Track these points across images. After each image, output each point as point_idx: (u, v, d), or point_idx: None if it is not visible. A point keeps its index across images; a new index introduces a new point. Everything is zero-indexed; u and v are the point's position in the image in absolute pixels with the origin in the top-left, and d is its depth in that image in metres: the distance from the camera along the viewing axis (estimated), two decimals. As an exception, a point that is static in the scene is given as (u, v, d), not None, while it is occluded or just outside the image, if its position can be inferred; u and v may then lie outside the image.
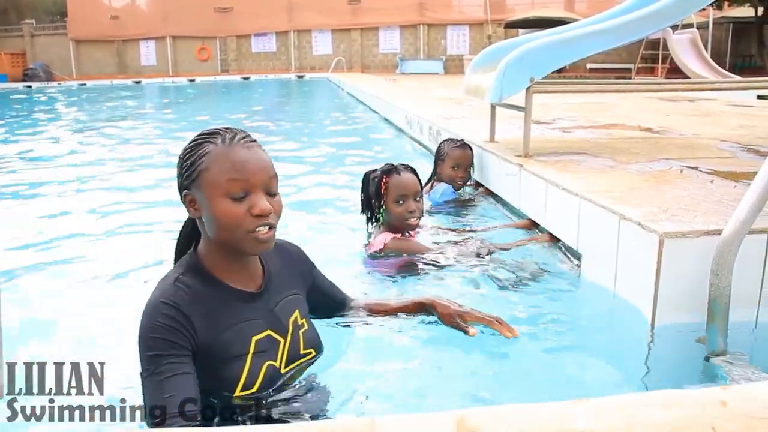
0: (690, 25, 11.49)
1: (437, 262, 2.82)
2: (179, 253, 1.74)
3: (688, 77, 5.15)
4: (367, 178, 3.01)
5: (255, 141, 1.61)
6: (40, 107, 16.32)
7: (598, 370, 2.04)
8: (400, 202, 2.87)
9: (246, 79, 27.45)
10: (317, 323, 1.91)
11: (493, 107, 4.50)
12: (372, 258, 2.86)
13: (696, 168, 3.30)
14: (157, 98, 19.44)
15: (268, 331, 1.65)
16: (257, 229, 1.54)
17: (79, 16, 31.32)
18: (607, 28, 3.78)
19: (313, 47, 31.15)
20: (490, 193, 4.13)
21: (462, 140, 4.16)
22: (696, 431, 1.01)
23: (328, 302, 2.02)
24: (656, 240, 2.10)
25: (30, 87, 25.46)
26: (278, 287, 1.75)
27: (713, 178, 3.03)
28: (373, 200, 2.94)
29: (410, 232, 3.00)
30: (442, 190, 4.04)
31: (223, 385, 1.57)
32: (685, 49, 5.62)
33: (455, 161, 4.06)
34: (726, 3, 19.25)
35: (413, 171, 2.97)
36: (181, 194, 1.61)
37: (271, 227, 1.57)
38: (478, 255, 2.90)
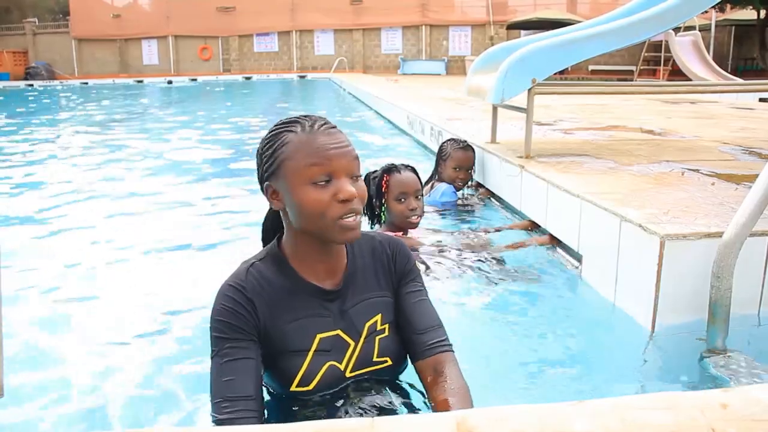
0: (692, 28, 11.51)
1: (438, 262, 2.82)
2: (263, 244, 1.73)
3: (690, 79, 5.16)
4: (367, 179, 3.02)
5: (335, 126, 1.55)
6: (42, 106, 16.32)
7: (598, 372, 2.04)
8: (401, 200, 2.88)
9: (248, 78, 27.48)
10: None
11: (494, 108, 4.50)
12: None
13: (697, 170, 3.30)
14: (159, 97, 19.45)
15: (338, 332, 1.59)
16: (344, 216, 1.48)
17: (81, 15, 31.35)
18: (609, 30, 3.78)
19: (315, 47, 31.18)
20: (491, 194, 4.13)
21: (465, 141, 4.16)
22: (696, 434, 1.01)
23: (403, 324, 1.68)
24: (657, 242, 2.10)
25: (32, 86, 25.49)
26: (361, 287, 1.65)
27: (714, 181, 3.03)
28: (374, 199, 2.95)
29: (411, 230, 3.00)
30: (442, 190, 4.04)
31: (280, 378, 1.56)
32: (687, 52, 5.64)
33: (457, 162, 4.05)
34: (728, 5, 19.23)
35: (413, 170, 2.98)
36: (262, 187, 1.58)
37: (357, 213, 1.50)
38: (478, 255, 2.91)
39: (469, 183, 4.22)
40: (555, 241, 3.04)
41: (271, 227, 1.71)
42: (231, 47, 31.42)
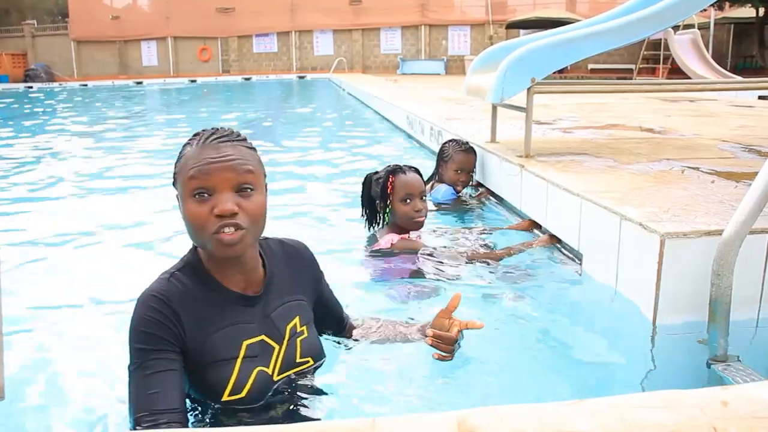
0: (691, 26, 11.51)
1: (439, 263, 2.82)
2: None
3: (690, 78, 5.16)
4: (369, 180, 3.01)
5: (233, 140, 1.54)
6: (42, 108, 16.32)
7: (599, 371, 2.04)
8: (407, 201, 2.87)
9: (247, 79, 27.47)
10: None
11: (494, 108, 4.50)
12: (375, 258, 2.86)
13: (697, 168, 3.30)
14: (159, 99, 19.45)
15: (262, 337, 1.61)
16: (221, 231, 1.48)
17: (80, 17, 31.34)
18: (608, 28, 3.78)
19: (314, 47, 31.17)
20: (491, 194, 4.13)
21: (467, 143, 4.16)
22: (696, 432, 1.01)
23: (328, 318, 1.93)
24: (657, 240, 2.10)
25: (31, 88, 25.48)
26: (279, 291, 1.70)
27: (714, 179, 3.03)
28: (377, 201, 2.94)
29: (412, 232, 3.00)
30: (443, 190, 4.05)
31: (210, 389, 1.54)
32: (686, 50, 5.63)
33: (459, 165, 4.06)
34: (727, 4, 19.24)
35: (417, 171, 2.98)
36: None
37: (239, 228, 1.49)
38: (479, 256, 2.91)
39: (470, 183, 4.22)
40: (555, 241, 3.04)
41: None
42: (230, 48, 31.41)
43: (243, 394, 1.55)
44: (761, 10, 18.27)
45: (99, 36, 31.46)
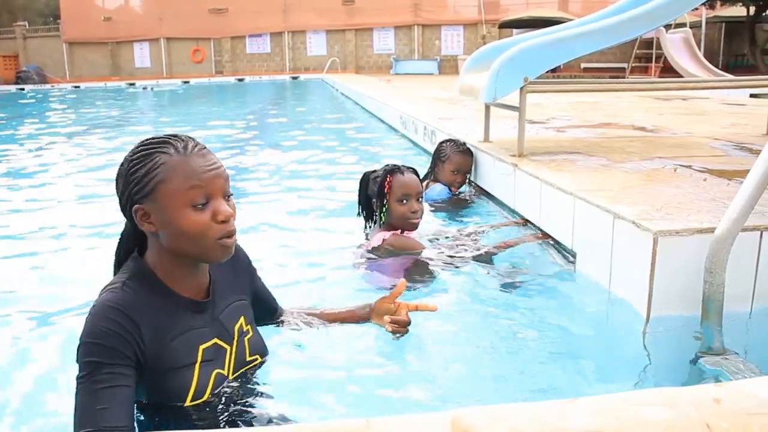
0: (683, 25, 11.56)
1: (433, 262, 2.82)
2: (119, 263, 1.66)
3: (682, 76, 5.18)
4: (366, 179, 3.01)
5: (206, 147, 1.57)
6: (34, 110, 16.25)
7: (594, 369, 2.05)
8: (404, 201, 2.87)
9: (240, 80, 27.42)
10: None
11: (487, 107, 4.50)
12: (369, 256, 2.86)
13: (689, 166, 3.31)
14: (152, 100, 19.40)
15: (215, 340, 1.63)
16: (224, 237, 1.53)
17: (72, 18, 31.22)
18: (600, 27, 3.79)
19: (307, 48, 31.15)
20: (485, 193, 4.14)
21: (464, 144, 4.16)
22: (689, 429, 1.01)
23: (264, 310, 1.97)
24: (650, 238, 2.11)
25: (23, 90, 25.37)
26: (223, 294, 1.72)
27: (706, 177, 3.04)
28: (374, 200, 2.94)
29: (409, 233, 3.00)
30: (438, 189, 4.05)
31: (172, 396, 1.54)
32: (678, 49, 5.65)
33: (456, 166, 4.07)
34: (718, 2, 19.32)
35: (415, 171, 2.98)
36: (128, 209, 1.55)
37: (234, 233, 1.56)
38: (473, 255, 2.91)
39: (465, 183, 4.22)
40: (547, 237, 3.04)
41: (133, 247, 1.65)
42: (223, 49, 31.35)
43: (205, 398, 1.57)
44: (752, 9, 18.35)
45: (91, 37, 31.34)
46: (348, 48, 30.58)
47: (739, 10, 19.89)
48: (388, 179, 2.89)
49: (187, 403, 1.54)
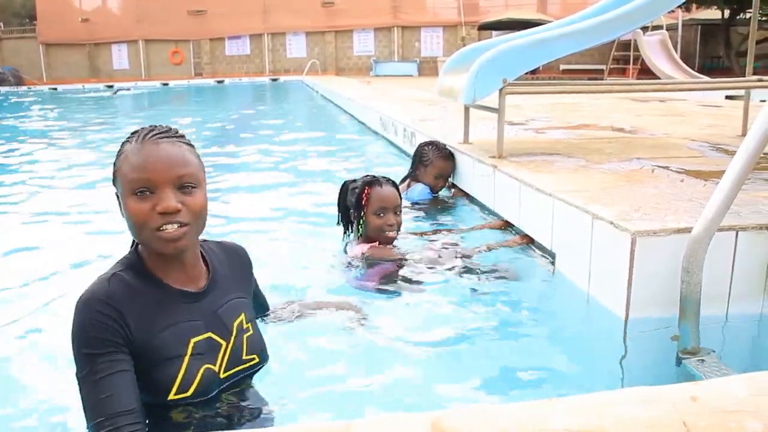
0: (660, 27, 11.68)
1: (414, 268, 2.82)
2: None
3: (659, 78, 5.22)
4: (345, 188, 2.99)
5: (171, 137, 1.56)
6: (10, 113, 16.04)
7: (573, 369, 2.06)
8: (381, 214, 2.85)
9: (220, 82, 27.27)
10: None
11: (466, 109, 4.52)
12: (349, 266, 2.84)
13: (667, 167, 3.34)
14: (131, 103, 19.24)
15: (209, 334, 1.61)
16: (163, 227, 1.50)
17: (48, 19, 30.83)
18: (579, 29, 3.82)
19: (287, 50, 31.05)
20: (465, 194, 4.15)
21: (446, 148, 4.16)
22: (668, 427, 1.02)
23: (258, 309, 1.98)
24: (628, 239, 2.13)
25: (-2, 91, 25.03)
26: (224, 289, 1.71)
27: (683, 177, 3.08)
28: (352, 210, 2.92)
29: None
30: (419, 190, 4.06)
31: (157, 388, 1.52)
32: (655, 51, 5.70)
33: (439, 171, 4.08)
34: (694, 5, 19.57)
35: (394, 184, 2.96)
36: None
37: (182, 225, 1.51)
38: (453, 258, 2.91)
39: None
40: (528, 240, 3.06)
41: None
42: (202, 51, 31.16)
43: (189, 393, 1.55)
44: (726, 12, 18.62)
45: (68, 39, 30.97)
46: (328, 50, 30.54)
47: (714, 13, 20.17)
48: (366, 191, 2.86)
49: (171, 397, 1.52)
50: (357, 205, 2.87)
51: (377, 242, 2.89)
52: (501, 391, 1.92)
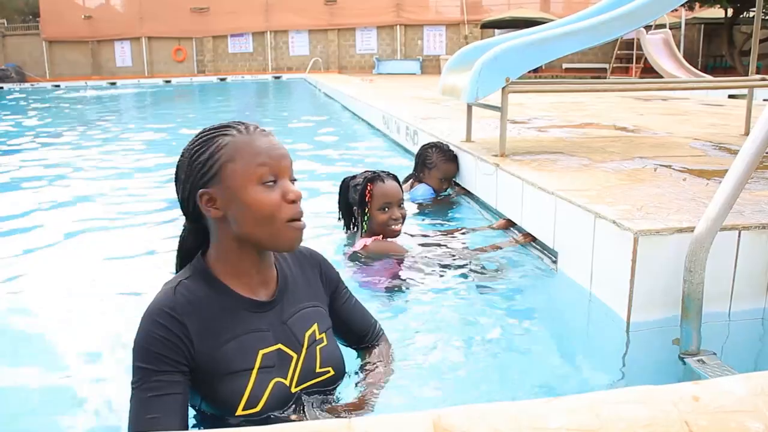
0: (663, 26, 11.66)
1: (419, 264, 2.82)
2: (180, 266, 1.59)
3: (662, 77, 5.22)
4: (346, 186, 2.99)
5: (266, 131, 1.51)
6: (13, 109, 16.06)
7: (575, 368, 2.06)
8: (385, 209, 2.85)
9: (222, 80, 27.28)
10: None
11: (469, 107, 4.52)
12: (351, 260, 2.85)
13: (669, 166, 3.34)
14: (133, 100, 19.25)
15: (279, 346, 1.52)
16: (294, 218, 1.45)
17: (51, 16, 30.88)
18: (581, 28, 3.81)
19: (290, 48, 31.07)
20: (467, 193, 4.14)
21: (450, 151, 4.16)
22: (669, 427, 1.02)
23: (346, 330, 1.79)
24: (631, 238, 2.12)
25: (2, 88, 25.07)
26: (294, 297, 1.60)
27: (686, 176, 3.07)
28: (356, 207, 2.92)
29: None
30: (422, 190, 4.06)
31: (223, 403, 1.45)
32: (658, 49, 5.70)
33: (445, 174, 4.09)
34: (697, 4, 19.51)
35: (395, 178, 2.96)
36: (190, 197, 1.48)
37: (302, 216, 1.47)
38: (457, 257, 2.91)
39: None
40: (530, 239, 3.05)
41: (193, 244, 1.58)
42: (205, 48, 31.18)
43: (258, 408, 1.46)
44: (730, 11, 18.56)
45: (71, 36, 31.03)
46: (330, 48, 30.54)
47: (717, 12, 20.10)
48: (368, 188, 2.86)
49: (239, 412, 1.44)
50: (361, 203, 2.88)
51: (381, 236, 2.90)
52: (502, 389, 1.92)
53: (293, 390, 1.54)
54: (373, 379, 1.71)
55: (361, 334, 1.83)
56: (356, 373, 1.75)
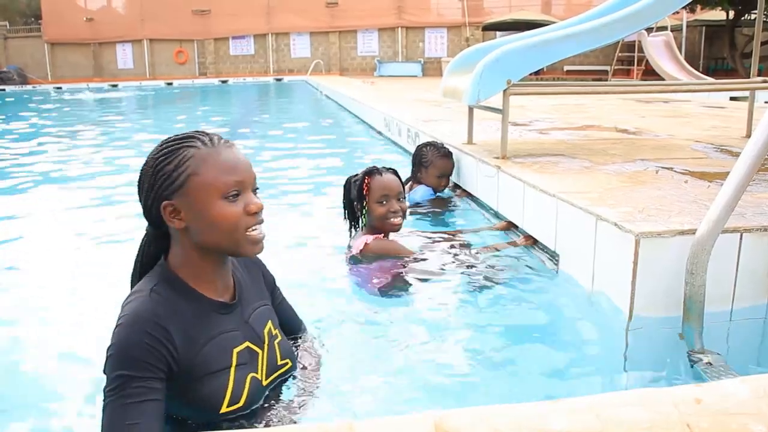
0: (664, 28, 11.66)
1: (420, 265, 2.82)
2: (140, 272, 1.60)
3: (663, 79, 5.23)
4: (348, 183, 3.00)
5: (229, 142, 1.55)
6: (15, 111, 16.08)
7: (576, 370, 2.06)
8: (383, 202, 2.85)
9: (224, 82, 27.31)
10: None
11: (470, 109, 4.52)
12: (353, 262, 2.85)
13: (671, 168, 3.34)
14: (136, 102, 19.27)
15: (247, 343, 1.59)
16: (254, 228, 1.51)
17: (53, 18, 30.91)
18: (583, 30, 3.81)
19: (291, 50, 31.09)
20: (468, 195, 4.14)
21: (444, 147, 4.16)
22: (670, 429, 1.02)
23: (281, 326, 1.86)
24: (632, 240, 2.12)
25: (4, 90, 25.09)
26: (249, 297, 1.69)
27: (687, 179, 3.07)
28: (355, 202, 2.92)
29: (392, 234, 2.98)
30: (422, 192, 4.06)
31: (207, 403, 1.49)
32: (659, 52, 5.71)
33: (441, 170, 4.08)
34: (698, 6, 19.53)
35: (395, 172, 2.96)
36: (153, 207, 1.50)
37: (261, 225, 1.54)
38: (458, 258, 2.91)
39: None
40: (532, 241, 3.05)
41: (156, 251, 1.60)
42: (207, 50, 31.21)
43: (241, 403, 1.52)
44: (731, 13, 18.57)
45: (73, 38, 31.05)
46: (332, 50, 30.56)
47: (719, 14, 20.12)
48: (366, 181, 2.87)
49: (223, 410, 1.49)
50: (359, 196, 2.88)
51: (382, 233, 2.90)
52: (503, 391, 1.92)
53: (264, 383, 1.63)
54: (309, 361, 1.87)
55: (293, 329, 1.95)
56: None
